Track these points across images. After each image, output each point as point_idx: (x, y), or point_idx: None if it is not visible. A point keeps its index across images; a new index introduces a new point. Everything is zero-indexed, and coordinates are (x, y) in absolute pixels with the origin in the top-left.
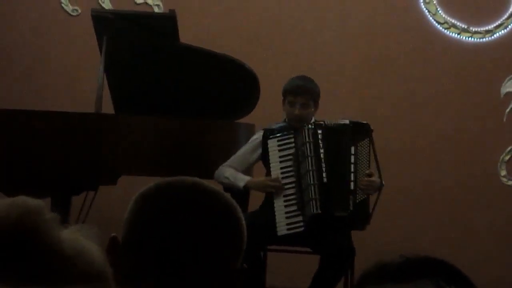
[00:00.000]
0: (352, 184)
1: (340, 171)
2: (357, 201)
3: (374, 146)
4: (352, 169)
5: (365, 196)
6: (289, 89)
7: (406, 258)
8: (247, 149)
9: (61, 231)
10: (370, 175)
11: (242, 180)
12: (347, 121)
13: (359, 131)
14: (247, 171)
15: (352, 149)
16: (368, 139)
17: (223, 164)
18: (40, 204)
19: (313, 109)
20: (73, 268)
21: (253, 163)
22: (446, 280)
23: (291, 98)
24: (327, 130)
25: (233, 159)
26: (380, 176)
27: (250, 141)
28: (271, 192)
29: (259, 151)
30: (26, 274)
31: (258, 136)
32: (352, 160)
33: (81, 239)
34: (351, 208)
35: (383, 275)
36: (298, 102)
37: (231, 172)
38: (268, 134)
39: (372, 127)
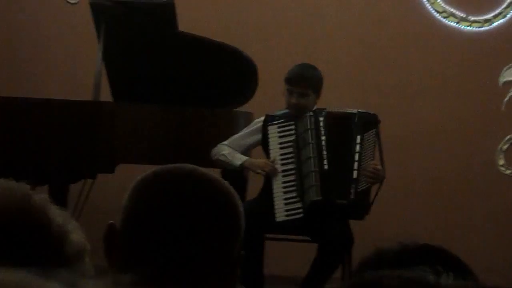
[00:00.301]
0: (355, 172)
1: (343, 158)
2: (359, 190)
3: (380, 138)
4: (356, 158)
5: (367, 185)
6: (287, 77)
7: (404, 245)
8: (247, 132)
9: (50, 211)
10: (375, 164)
11: (239, 159)
12: (354, 111)
13: (366, 121)
14: (245, 154)
15: (358, 138)
16: (375, 130)
17: (222, 143)
18: (26, 187)
19: (313, 98)
20: (61, 250)
21: (251, 147)
22: (444, 267)
23: (289, 86)
24: (330, 118)
25: (232, 140)
26: (383, 169)
27: (251, 124)
28: (269, 178)
29: (259, 135)
30: (17, 256)
31: (259, 120)
32: (357, 149)
33: (67, 218)
34: (352, 197)
35: (382, 262)
36: (295, 91)
37: (229, 150)
38: (269, 120)
39: (379, 118)
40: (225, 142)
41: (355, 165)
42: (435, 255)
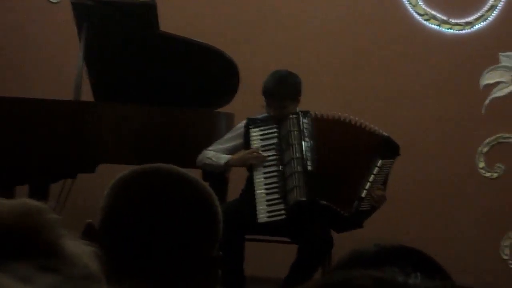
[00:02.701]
0: (364, 192)
1: (353, 171)
2: (360, 209)
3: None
4: (371, 179)
5: (369, 207)
6: (263, 91)
7: (380, 247)
8: (230, 137)
9: (62, 232)
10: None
11: (224, 158)
12: (385, 134)
13: (391, 148)
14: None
15: (380, 162)
16: (393, 160)
17: (206, 149)
18: (41, 205)
19: (292, 105)
20: (73, 268)
21: (234, 150)
22: (415, 267)
23: (266, 99)
24: (316, 121)
25: (215, 145)
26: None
27: (234, 129)
28: (251, 180)
29: (241, 140)
30: (26, 272)
31: (241, 125)
32: (375, 171)
33: (81, 242)
34: (353, 211)
35: (357, 263)
36: (273, 105)
37: (213, 153)
38: (251, 123)
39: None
40: (209, 148)
41: (367, 185)
42: (409, 256)
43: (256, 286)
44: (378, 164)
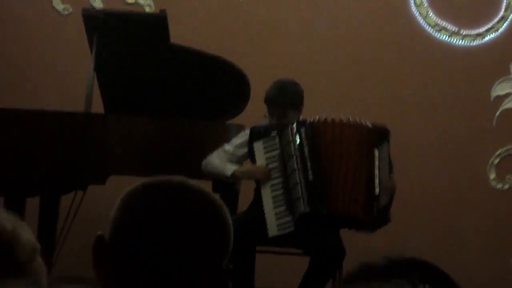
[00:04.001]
0: (376, 189)
1: (340, 168)
2: (380, 207)
3: (389, 150)
4: (377, 173)
5: (387, 201)
6: (265, 99)
7: (389, 259)
8: (236, 143)
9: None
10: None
11: (230, 169)
12: (369, 124)
13: (380, 133)
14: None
15: (376, 151)
16: (387, 141)
17: (211, 154)
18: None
19: (294, 114)
20: (12, 258)
21: (240, 159)
22: (423, 279)
23: (268, 108)
24: (311, 128)
25: (221, 151)
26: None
27: (239, 135)
28: (259, 191)
29: (246, 149)
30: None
31: (246, 134)
32: (377, 163)
33: (16, 220)
34: (375, 214)
35: (367, 275)
36: (275, 113)
37: (219, 161)
38: (254, 135)
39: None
40: (214, 154)
41: (377, 180)
42: (419, 268)
43: None
44: (376, 155)
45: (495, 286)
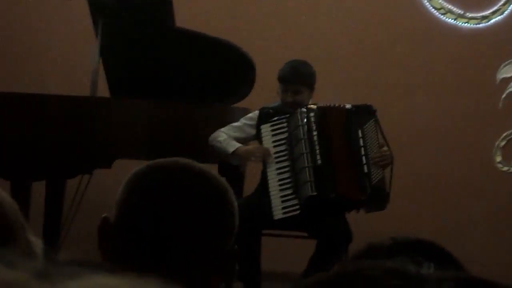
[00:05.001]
0: (365, 167)
1: (345, 153)
2: (373, 182)
3: (380, 124)
4: (363, 152)
5: (381, 175)
6: (281, 76)
7: (395, 240)
8: (245, 124)
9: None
10: (381, 147)
11: (233, 146)
12: (349, 105)
13: (363, 113)
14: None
15: (359, 132)
16: (373, 119)
17: (220, 129)
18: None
19: (307, 93)
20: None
21: (247, 140)
22: (427, 258)
23: (283, 85)
24: (320, 112)
25: (231, 128)
26: (389, 150)
27: (249, 116)
28: (265, 174)
29: (254, 130)
30: (10, 257)
31: (255, 114)
32: (361, 143)
33: None
34: (369, 191)
35: (373, 256)
36: (289, 89)
37: (225, 137)
38: (263, 117)
39: (374, 108)
40: (223, 129)
41: (363, 159)
42: (424, 248)
43: (272, 281)
44: (360, 135)
45: (501, 269)
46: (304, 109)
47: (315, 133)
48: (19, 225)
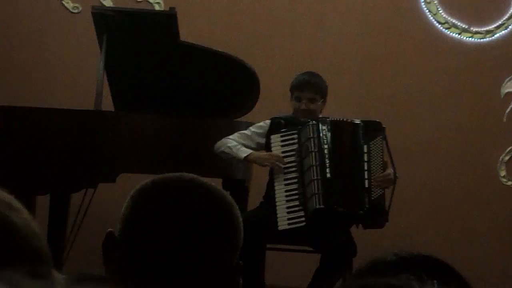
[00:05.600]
0: (366, 182)
1: (350, 168)
2: (372, 198)
3: (387, 142)
4: (366, 167)
5: (381, 192)
6: (295, 84)
7: (398, 255)
8: (255, 131)
9: (12, 212)
10: (386, 165)
11: (245, 152)
12: (358, 120)
13: (371, 129)
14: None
15: (365, 147)
16: (381, 137)
17: (228, 137)
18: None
19: (320, 104)
20: (27, 246)
21: (257, 147)
22: (430, 273)
23: (297, 93)
24: (333, 126)
25: (239, 135)
26: (394, 170)
27: (258, 125)
28: (271, 187)
29: (264, 140)
30: (15, 278)
31: (266, 124)
32: (365, 158)
33: (31, 220)
34: (367, 206)
35: (376, 271)
36: (304, 97)
37: (235, 144)
38: (274, 127)
39: (383, 125)
40: (231, 136)
41: (366, 174)
42: (427, 264)
43: None
44: (365, 150)
45: (506, 283)
46: (315, 122)
47: (325, 146)
48: (50, 261)
